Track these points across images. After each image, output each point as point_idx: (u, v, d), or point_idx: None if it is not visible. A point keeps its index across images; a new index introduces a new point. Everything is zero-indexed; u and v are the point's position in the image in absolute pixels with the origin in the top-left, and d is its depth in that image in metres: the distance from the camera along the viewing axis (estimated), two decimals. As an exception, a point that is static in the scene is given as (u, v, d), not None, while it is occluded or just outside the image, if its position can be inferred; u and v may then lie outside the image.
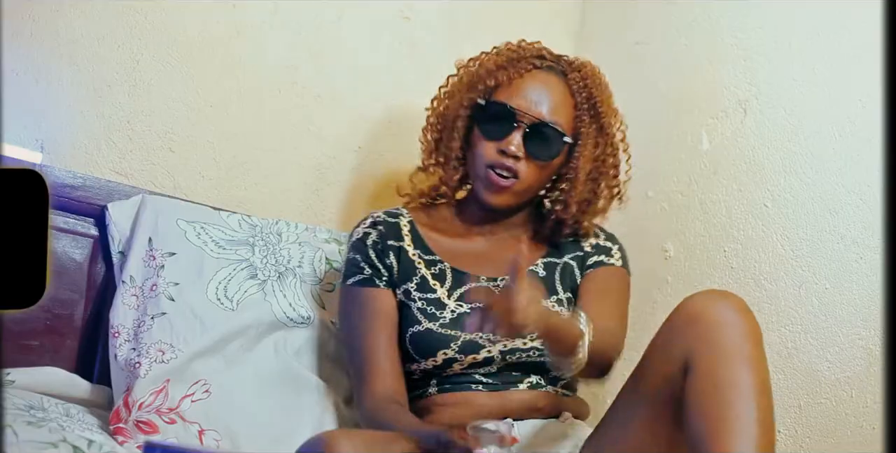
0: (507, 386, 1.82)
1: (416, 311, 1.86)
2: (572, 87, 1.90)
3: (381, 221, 1.96)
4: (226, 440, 1.84)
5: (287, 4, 2.29)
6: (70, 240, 1.98)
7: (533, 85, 1.88)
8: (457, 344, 1.81)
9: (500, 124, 1.86)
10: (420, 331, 1.84)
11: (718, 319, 1.51)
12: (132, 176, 2.11)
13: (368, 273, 1.91)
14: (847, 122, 2.00)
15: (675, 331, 1.56)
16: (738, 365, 1.48)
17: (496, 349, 1.81)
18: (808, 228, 2.03)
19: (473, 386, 1.82)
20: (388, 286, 1.90)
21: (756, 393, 1.46)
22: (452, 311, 1.85)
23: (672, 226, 2.26)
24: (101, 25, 2.09)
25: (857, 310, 1.93)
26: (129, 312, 1.91)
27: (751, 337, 1.50)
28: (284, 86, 2.29)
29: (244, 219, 2.09)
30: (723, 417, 1.45)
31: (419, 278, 1.90)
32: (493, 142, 1.86)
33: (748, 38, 2.20)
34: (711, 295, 1.59)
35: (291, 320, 2.00)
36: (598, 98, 1.91)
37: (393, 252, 1.92)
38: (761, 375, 1.49)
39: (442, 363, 1.82)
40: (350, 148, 2.34)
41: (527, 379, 1.82)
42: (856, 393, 1.90)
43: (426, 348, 1.83)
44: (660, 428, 1.57)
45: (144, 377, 1.83)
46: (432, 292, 1.88)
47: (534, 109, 1.86)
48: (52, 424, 1.63)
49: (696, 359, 1.50)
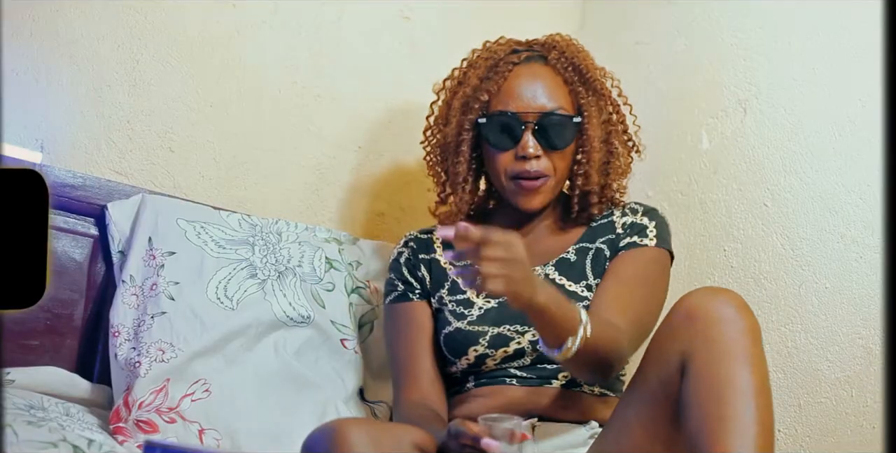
0: (542, 382, 1.81)
1: (448, 314, 1.88)
2: (556, 66, 1.89)
3: (412, 238, 2.01)
4: (226, 439, 1.84)
5: (287, 4, 2.29)
6: (70, 240, 1.99)
7: (522, 82, 1.87)
8: (485, 339, 1.82)
9: (508, 132, 1.86)
10: (450, 331, 1.86)
11: (716, 316, 1.49)
12: (132, 175, 2.11)
13: (402, 289, 1.95)
14: (847, 122, 2.00)
15: (673, 329, 1.54)
16: (737, 363, 1.46)
17: (525, 339, 1.80)
18: (808, 228, 2.03)
19: (508, 380, 1.82)
20: (421, 298, 1.94)
21: (755, 392, 1.45)
22: (480, 308, 1.86)
23: (672, 225, 2.25)
24: (101, 25, 2.09)
25: (857, 309, 1.93)
26: (129, 312, 1.91)
27: (749, 334, 1.48)
28: (284, 86, 2.29)
29: (244, 219, 2.09)
30: (721, 416, 1.43)
31: (450, 283, 1.92)
32: (509, 151, 1.86)
33: (748, 37, 2.20)
34: (709, 291, 1.57)
35: (291, 319, 2.00)
36: (582, 65, 1.90)
37: (424, 264, 1.96)
38: (760, 374, 1.47)
39: (475, 360, 1.83)
40: (350, 148, 2.35)
41: (562, 374, 1.81)
42: (856, 392, 1.90)
43: (457, 347, 1.84)
44: (658, 428, 1.55)
45: (144, 376, 1.83)
46: (462, 293, 1.89)
47: (533, 105, 1.86)
48: (52, 424, 1.63)
49: (693, 358, 1.49)
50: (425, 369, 1.88)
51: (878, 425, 1.86)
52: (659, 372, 1.55)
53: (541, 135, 1.85)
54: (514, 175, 1.86)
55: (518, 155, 1.85)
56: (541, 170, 1.85)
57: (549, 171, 1.85)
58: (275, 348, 1.97)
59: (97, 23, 2.09)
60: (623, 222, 1.91)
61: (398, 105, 2.39)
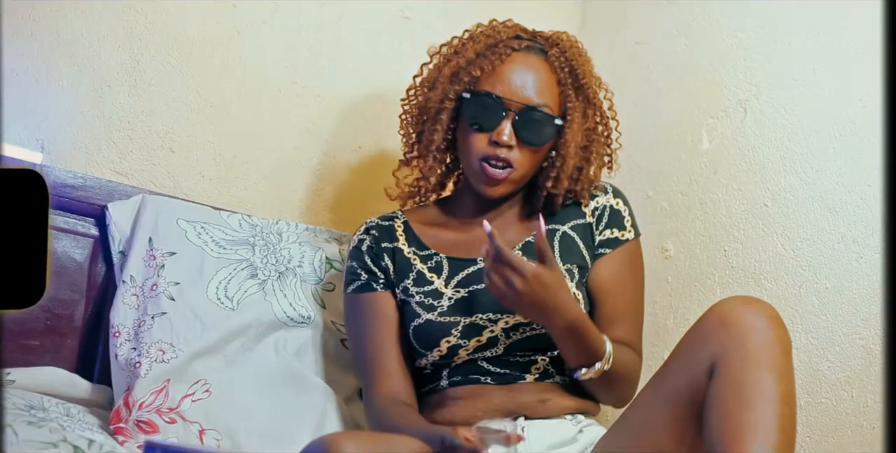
0: (517, 376, 1.81)
1: (415, 305, 1.86)
2: (553, 63, 1.88)
3: (374, 226, 1.97)
4: (226, 439, 1.84)
5: (287, 4, 2.29)
6: (70, 240, 1.99)
7: (516, 69, 1.86)
8: (458, 330, 1.81)
9: (489, 114, 1.83)
10: (420, 324, 1.84)
11: (749, 324, 1.51)
12: (132, 176, 2.11)
13: (365, 278, 1.91)
14: (847, 122, 2.00)
15: (704, 333, 1.55)
16: (765, 371, 1.47)
17: (498, 327, 1.80)
18: (808, 228, 2.03)
19: (483, 379, 1.81)
20: (385, 288, 1.91)
21: (780, 400, 1.46)
22: (450, 298, 1.84)
23: (672, 225, 2.26)
24: (101, 25, 2.10)
25: (858, 309, 1.93)
26: (129, 312, 1.91)
27: (779, 344, 1.50)
28: (285, 86, 2.29)
29: (244, 219, 2.09)
30: (744, 421, 1.45)
31: (415, 274, 1.89)
32: (484, 133, 1.84)
33: (748, 37, 2.20)
34: (744, 300, 1.58)
35: (292, 320, 2.00)
36: (580, 70, 1.89)
37: (387, 254, 1.92)
38: (787, 383, 1.48)
39: (447, 352, 1.81)
40: (350, 148, 2.35)
41: (534, 366, 1.81)
42: (856, 392, 1.90)
43: (428, 339, 1.83)
44: (680, 429, 1.57)
45: (145, 377, 1.83)
46: (429, 284, 1.87)
47: (520, 94, 1.84)
48: (53, 424, 1.63)
49: (722, 363, 1.50)
50: (394, 363, 1.86)
51: (878, 425, 1.86)
52: (686, 373, 1.56)
53: (519, 126, 1.83)
54: (484, 157, 1.83)
55: (491, 139, 1.83)
56: (510, 159, 1.83)
57: (517, 163, 1.83)
58: (275, 348, 1.97)
59: (97, 23, 2.09)
60: (593, 207, 1.92)
61: (399, 105, 2.39)
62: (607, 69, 1.99)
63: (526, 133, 1.83)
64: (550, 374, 1.82)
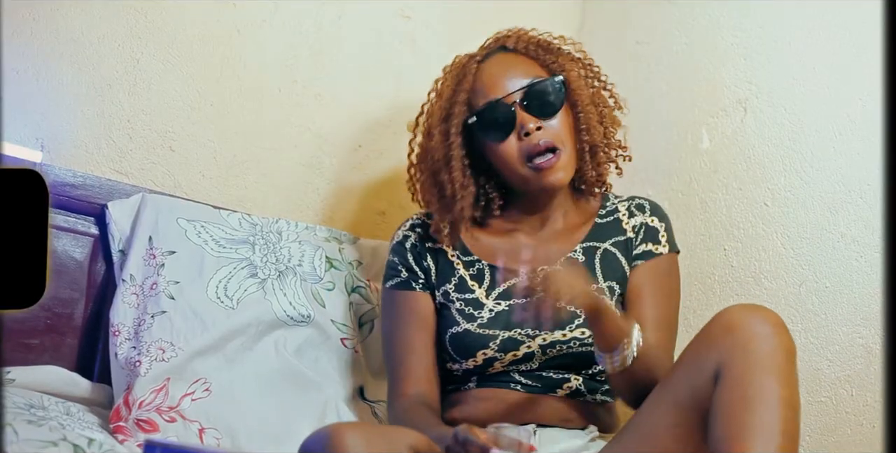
0: (546, 391, 1.81)
1: (455, 312, 1.86)
2: (517, 49, 1.91)
3: (419, 224, 1.96)
4: (226, 438, 1.84)
5: (287, 3, 2.29)
6: (70, 239, 1.99)
7: (493, 72, 1.88)
8: (496, 343, 1.80)
9: (501, 119, 1.85)
10: (459, 333, 1.84)
11: (755, 330, 1.52)
12: (132, 174, 2.11)
13: (405, 276, 1.92)
14: (847, 121, 2.00)
15: (710, 339, 1.56)
16: (769, 376, 1.48)
17: (536, 343, 1.80)
18: (808, 227, 2.03)
19: (512, 386, 1.82)
20: (424, 289, 1.91)
21: (783, 405, 1.47)
22: (490, 311, 1.84)
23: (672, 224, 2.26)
24: (101, 24, 2.09)
25: (857, 308, 1.93)
26: (129, 311, 1.91)
27: (784, 350, 1.51)
28: (285, 85, 2.29)
29: (244, 218, 2.09)
30: (747, 424, 1.46)
31: (457, 279, 1.89)
32: (509, 137, 1.84)
33: (748, 36, 2.20)
34: (750, 308, 1.59)
35: (292, 319, 2.00)
36: (542, 40, 1.93)
37: (431, 254, 1.92)
38: (791, 389, 1.49)
39: (483, 362, 1.82)
40: (350, 147, 2.34)
41: (566, 384, 1.81)
42: (856, 391, 1.90)
43: (465, 349, 1.83)
44: (684, 435, 1.57)
45: (145, 375, 1.83)
46: (470, 292, 1.87)
47: (511, 85, 1.86)
48: (53, 423, 1.63)
49: (727, 368, 1.51)
50: (423, 365, 1.86)
51: (877, 424, 1.86)
52: (692, 378, 1.56)
53: (531, 107, 1.84)
54: (528, 156, 1.83)
55: (521, 134, 1.83)
56: (549, 140, 1.82)
57: (557, 141, 1.83)
58: (275, 347, 1.97)
59: (98, 22, 2.09)
60: (633, 224, 1.92)
61: (399, 104, 2.39)
62: (607, 69, 1.99)
63: (541, 108, 1.84)
64: (581, 394, 1.82)
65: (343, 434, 1.47)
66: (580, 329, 1.79)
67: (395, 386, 1.88)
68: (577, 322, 1.78)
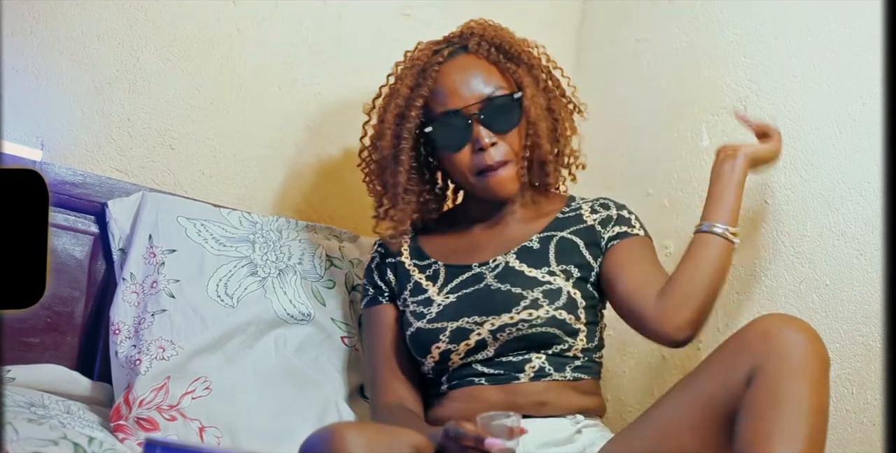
0: (511, 376, 1.81)
1: (409, 314, 1.89)
2: (479, 52, 1.90)
3: (383, 242, 2.00)
4: (226, 437, 1.84)
5: (287, 2, 2.30)
6: (70, 238, 1.99)
7: (452, 78, 1.88)
8: (445, 335, 1.83)
9: (457, 131, 1.86)
10: (412, 332, 1.87)
11: (791, 339, 1.54)
12: (132, 173, 2.11)
13: (372, 292, 1.97)
14: (847, 119, 1.99)
15: (745, 344, 1.58)
16: (802, 383, 1.51)
17: (485, 330, 1.81)
18: (808, 225, 2.03)
19: (477, 380, 1.83)
20: (389, 300, 1.96)
21: (813, 412, 1.49)
22: (439, 305, 1.86)
23: (672, 223, 2.26)
24: (101, 23, 2.10)
25: (858, 306, 1.93)
26: (129, 309, 1.92)
27: (818, 359, 1.54)
28: (285, 83, 2.29)
29: (244, 217, 2.09)
30: (775, 427, 1.48)
31: (412, 284, 1.92)
32: (463, 149, 1.86)
33: (748, 34, 2.20)
34: (787, 317, 1.61)
35: (292, 317, 2.00)
36: (504, 44, 1.92)
37: (390, 268, 1.97)
38: (822, 397, 1.52)
39: (440, 357, 1.84)
40: (350, 145, 2.34)
41: (528, 365, 1.81)
42: (856, 389, 1.90)
43: (421, 346, 1.86)
44: (707, 433, 1.59)
45: (145, 374, 1.83)
46: (423, 293, 1.90)
47: (470, 96, 1.86)
48: (53, 421, 1.63)
49: (762, 372, 1.53)
50: (397, 371, 1.90)
51: (878, 422, 1.86)
52: (724, 378, 1.58)
53: (489, 122, 1.85)
54: (479, 170, 1.86)
55: (475, 148, 1.85)
56: (502, 156, 1.85)
57: (509, 156, 1.86)
58: (275, 346, 1.98)
59: (97, 20, 2.09)
60: (596, 218, 1.93)
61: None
62: (607, 66, 1.99)
63: (497, 123, 1.86)
64: (547, 373, 1.82)
65: (344, 433, 1.48)
66: (527, 310, 1.80)
67: (375, 396, 1.91)
68: (524, 304, 1.80)
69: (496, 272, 1.87)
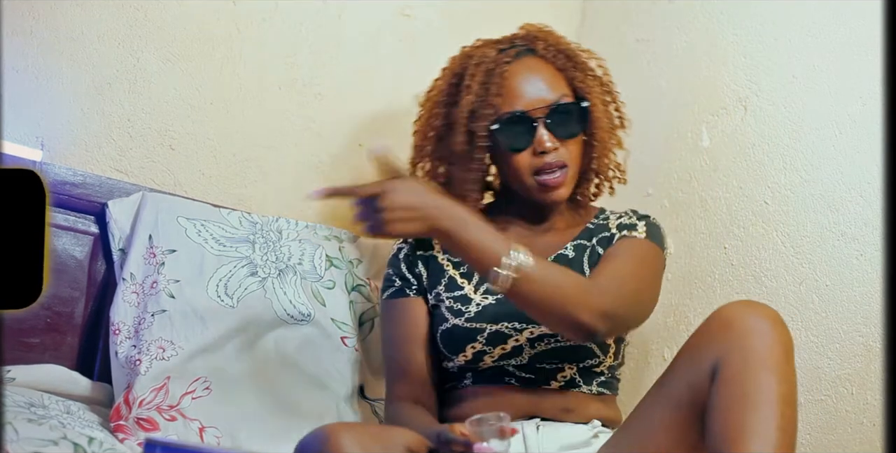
0: (541, 383, 1.81)
1: (444, 310, 1.88)
2: (546, 56, 1.90)
3: None
4: (226, 437, 1.84)
5: (288, 2, 2.29)
6: (70, 238, 1.99)
7: (521, 79, 1.87)
8: (483, 337, 1.82)
9: (522, 133, 1.85)
10: (448, 328, 1.86)
11: (751, 326, 1.52)
12: (132, 173, 2.11)
13: (399, 284, 1.94)
14: (847, 119, 2.00)
15: (707, 336, 1.57)
16: (766, 372, 1.48)
17: (524, 337, 1.81)
18: (808, 225, 2.03)
19: (507, 379, 1.83)
20: (417, 294, 1.93)
21: (781, 401, 1.47)
22: (478, 305, 1.86)
23: (672, 223, 2.26)
24: (101, 23, 2.10)
25: (858, 307, 1.93)
26: (129, 309, 1.92)
27: (781, 347, 1.51)
28: (285, 83, 2.29)
29: (244, 217, 2.09)
30: (745, 422, 1.46)
31: (447, 279, 1.91)
32: (525, 150, 1.86)
33: (748, 35, 2.20)
34: (746, 304, 1.59)
35: (292, 317, 2.00)
36: (569, 51, 1.92)
37: (422, 261, 1.95)
38: (788, 385, 1.49)
39: (472, 357, 1.83)
40: (351, 145, 2.34)
41: (560, 374, 1.82)
42: (856, 389, 1.90)
43: (455, 344, 1.84)
44: (682, 433, 1.58)
45: (145, 374, 1.83)
46: (459, 289, 1.89)
47: (538, 99, 1.86)
48: (53, 421, 1.63)
49: (724, 365, 1.51)
50: (418, 367, 1.89)
51: (878, 422, 1.86)
52: (689, 376, 1.57)
53: (553, 126, 1.85)
54: (537, 170, 1.86)
55: (537, 151, 1.85)
56: (561, 160, 1.85)
57: (567, 161, 1.86)
58: (275, 346, 1.98)
59: (97, 20, 2.09)
60: (617, 223, 1.93)
61: (399, 102, 2.39)
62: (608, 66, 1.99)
63: (562, 129, 1.86)
64: (577, 384, 1.83)
65: (338, 434, 1.48)
66: None
67: (391, 387, 1.91)
68: None
69: None
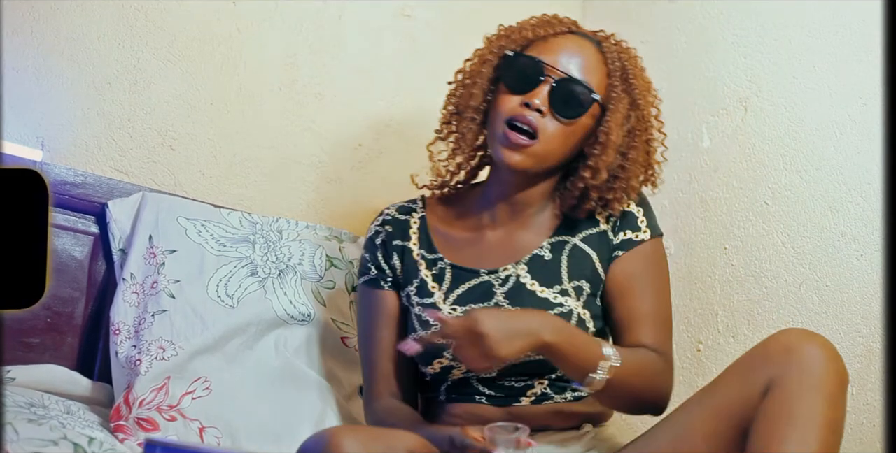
0: (510, 400, 1.78)
1: (414, 318, 1.83)
2: (606, 55, 1.82)
3: (390, 220, 1.92)
4: (226, 437, 1.84)
5: (288, 2, 2.29)
6: (71, 238, 1.99)
7: (567, 44, 1.81)
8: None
9: (527, 77, 1.77)
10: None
11: (812, 353, 1.53)
12: (133, 173, 2.11)
13: (375, 273, 1.90)
14: (847, 120, 2.00)
15: (763, 357, 1.57)
16: (819, 398, 1.49)
17: None
18: (808, 226, 2.03)
19: (477, 398, 1.79)
20: (392, 287, 1.89)
21: (826, 428, 1.48)
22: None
23: (673, 223, 2.26)
24: (101, 23, 2.10)
25: (858, 307, 1.93)
26: (129, 310, 1.91)
27: (837, 377, 1.52)
28: (285, 84, 2.29)
29: (245, 217, 2.09)
30: (787, 439, 1.47)
31: (419, 281, 1.85)
32: (518, 95, 1.77)
33: (749, 35, 2.20)
34: (810, 333, 1.59)
35: (292, 317, 2.00)
36: (631, 70, 1.83)
37: (397, 252, 1.89)
38: (837, 412, 1.50)
39: (440, 370, 1.80)
40: (351, 145, 2.35)
41: (530, 390, 1.78)
42: (856, 390, 1.90)
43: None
44: (721, 443, 1.58)
45: (145, 374, 1.83)
46: (429, 296, 1.83)
47: (563, 65, 1.78)
48: (53, 421, 1.63)
49: (779, 384, 1.52)
50: (395, 363, 1.85)
51: (878, 423, 1.86)
52: (741, 390, 1.57)
53: (555, 94, 1.76)
54: (511, 118, 1.76)
55: (524, 101, 1.76)
56: (536, 126, 1.74)
57: (542, 134, 1.75)
58: (275, 346, 1.98)
59: (98, 21, 2.09)
60: (612, 223, 1.85)
61: (399, 103, 2.39)
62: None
63: (560, 103, 1.76)
64: (548, 397, 1.78)
65: (341, 437, 1.47)
66: None
67: (370, 386, 1.87)
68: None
69: (506, 288, 1.80)
